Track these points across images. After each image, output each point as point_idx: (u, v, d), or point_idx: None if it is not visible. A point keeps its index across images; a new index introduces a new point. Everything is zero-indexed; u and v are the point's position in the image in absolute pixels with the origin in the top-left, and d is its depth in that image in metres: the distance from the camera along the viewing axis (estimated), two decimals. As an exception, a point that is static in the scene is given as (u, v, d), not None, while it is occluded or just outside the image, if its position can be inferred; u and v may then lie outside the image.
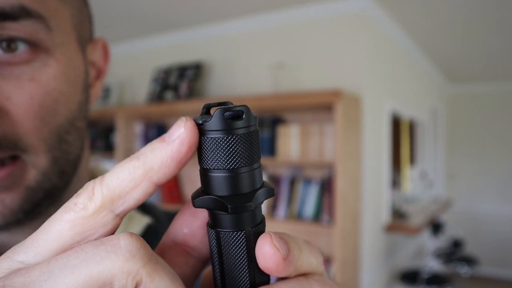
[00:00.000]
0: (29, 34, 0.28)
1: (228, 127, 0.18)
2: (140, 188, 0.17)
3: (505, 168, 4.56)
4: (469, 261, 3.59)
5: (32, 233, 0.17)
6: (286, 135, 2.25)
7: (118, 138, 2.89)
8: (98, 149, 3.14)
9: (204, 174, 0.19)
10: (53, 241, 0.16)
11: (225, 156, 0.18)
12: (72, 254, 0.15)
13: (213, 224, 0.19)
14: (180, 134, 0.17)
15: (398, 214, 2.95)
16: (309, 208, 2.20)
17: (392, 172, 3.13)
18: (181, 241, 0.21)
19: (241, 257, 0.19)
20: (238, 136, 0.18)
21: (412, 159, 4.51)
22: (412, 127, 4.46)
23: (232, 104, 0.19)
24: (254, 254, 0.19)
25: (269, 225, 2.16)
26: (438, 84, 4.39)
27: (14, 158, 0.30)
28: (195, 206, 0.19)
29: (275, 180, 2.37)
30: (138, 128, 3.00)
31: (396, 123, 3.93)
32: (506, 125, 4.56)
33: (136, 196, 0.17)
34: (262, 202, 0.20)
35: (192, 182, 2.83)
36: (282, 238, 0.19)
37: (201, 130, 0.18)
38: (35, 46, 0.29)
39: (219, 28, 2.72)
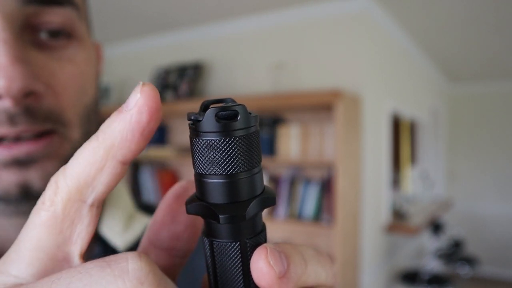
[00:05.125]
0: (67, 20, 0.32)
1: (224, 128, 0.16)
2: (106, 170, 0.15)
3: (506, 168, 4.55)
4: (470, 261, 3.59)
5: None
6: (286, 135, 2.24)
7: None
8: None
9: (198, 179, 0.17)
10: (37, 249, 0.15)
11: (221, 161, 0.16)
12: (75, 275, 0.14)
13: (207, 232, 0.18)
14: (137, 102, 0.15)
15: (398, 214, 2.94)
16: (309, 208, 2.19)
17: (392, 172, 3.13)
18: (163, 244, 0.20)
19: (235, 269, 0.18)
20: (236, 139, 0.16)
21: (413, 159, 4.51)
22: (412, 127, 4.46)
23: (233, 100, 0.18)
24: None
25: (269, 226, 2.15)
26: (438, 84, 4.39)
27: (50, 132, 0.32)
28: (187, 212, 0.17)
29: (275, 180, 2.37)
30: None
31: (396, 123, 3.92)
32: (507, 125, 4.56)
33: (104, 180, 0.16)
34: (260, 211, 0.18)
35: (192, 182, 2.82)
36: (283, 252, 0.17)
37: (194, 130, 0.17)
38: (69, 34, 0.33)
39: (219, 28, 2.72)
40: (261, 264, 0.16)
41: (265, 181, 2.35)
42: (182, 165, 2.89)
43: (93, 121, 0.36)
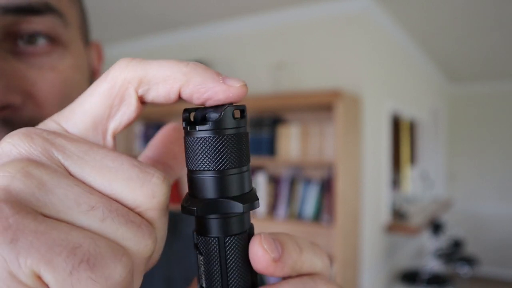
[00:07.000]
0: (49, 28, 0.32)
1: (216, 127, 0.17)
2: (167, 84, 0.17)
3: (506, 168, 4.55)
4: (470, 261, 3.59)
5: None
6: (286, 135, 2.25)
7: (118, 138, 2.89)
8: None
9: (193, 176, 0.18)
10: (87, 114, 0.17)
11: (213, 157, 0.18)
12: (111, 155, 0.16)
13: (218, 230, 0.18)
14: (240, 87, 0.17)
15: (398, 214, 2.94)
16: (309, 208, 2.20)
17: (392, 172, 3.13)
18: (162, 159, 0.21)
19: (246, 261, 0.19)
20: (227, 137, 0.18)
21: (413, 159, 4.51)
22: (412, 127, 4.46)
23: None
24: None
25: (269, 226, 2.14)
26: (438, 84, 4.39)
27: None
28: (198, 213, 0.18)
29: (275, 180, 2.37)
30: (138, 128, 3.00)
31: (396, 123, 3.93)
32: (507, 125, 4.56)
33: (160, 90, 0.17)
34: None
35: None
36: (277, 239, 0.18)
37: (187, 130, 0.18)
38: (53, 40, 0.33)
39: (219, 27, 2.72)
40: (255, 249, 0.18)
41: (265, 182, 2.36)
42: (182, 165, 2.89)
43: None
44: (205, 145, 0.18)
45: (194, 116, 0.18)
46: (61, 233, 0.14)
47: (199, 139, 0.18)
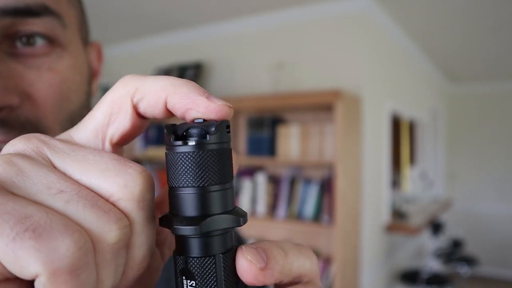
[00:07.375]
0: (47, 29, 0.32)
1: (198, 142, 0.17)
2: (157, 93, 0.18)
3: (505, 168, 4.55)
4: (469, 261, 3.59)
5: None
6: (286, 135, 2.25)
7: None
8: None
9: (177, 193, 0.18)
10: (90, 121, 0.19)
11: (195, 172, 0.17)
12: (96, 152, 0.17)
13: (211, 249, 0.18)
14: (221, 105, 0.18)
15: (398, 214, 2.94)
16: (309, 208, 2.20)
17: (392, 172, 3.13)
18: None
19: (236, 275, 0.18)
20: (210, 151, 0.17)
21: (412, 159, 4.51)
22: (412, 127, 4.46)
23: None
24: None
25: (269, 226, 2.14)
26: (438, 84, 4.39)
27: None
28: (203, 229, 0.17)
29: (275, 180, 2.37)
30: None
31: (396, 123, 3.93)
32: (506, 125, 4.56)
33: (150, 99, 0.18)
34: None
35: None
36: (259, 247, 0.18)
37: (170, 145, 0.18)
38: (51, 41, 0.33)
39: (219, 28, 2.72)
40: (240, 262, 0.18)
41: (265, 182, 2.36)
42: (182, 165, 2.89)
43: None
44: (186, 161, 0.17)
45: (176, 131, 0.18)
46: (16, 205, 0.14)
47: (181, 154, 0.17)
